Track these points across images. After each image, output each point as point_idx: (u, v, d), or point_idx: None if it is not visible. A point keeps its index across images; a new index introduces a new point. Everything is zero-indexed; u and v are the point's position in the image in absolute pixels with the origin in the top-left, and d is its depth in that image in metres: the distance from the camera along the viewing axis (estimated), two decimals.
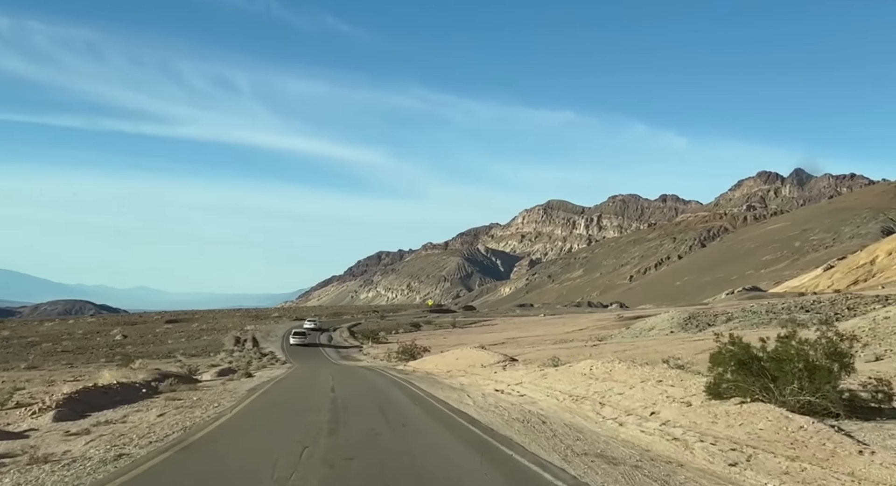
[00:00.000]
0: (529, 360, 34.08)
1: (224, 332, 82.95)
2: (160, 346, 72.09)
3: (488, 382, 24.86)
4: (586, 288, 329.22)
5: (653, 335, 48.63)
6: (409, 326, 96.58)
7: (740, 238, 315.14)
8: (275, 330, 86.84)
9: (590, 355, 32.48)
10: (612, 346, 37.84)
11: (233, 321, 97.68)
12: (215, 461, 11.11)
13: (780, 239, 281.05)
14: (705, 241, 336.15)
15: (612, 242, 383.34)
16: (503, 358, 34.68)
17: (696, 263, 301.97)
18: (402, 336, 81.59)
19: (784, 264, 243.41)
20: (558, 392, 18.15)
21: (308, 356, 67.37)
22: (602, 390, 16.86)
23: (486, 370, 30.24)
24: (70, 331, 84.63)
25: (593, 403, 16.01)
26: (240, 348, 71.69)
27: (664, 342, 36.66)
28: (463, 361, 37.31)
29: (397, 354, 58.67)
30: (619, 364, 18.79)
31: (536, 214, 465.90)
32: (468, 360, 37.09)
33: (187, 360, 61.08)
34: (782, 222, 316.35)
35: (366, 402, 19.94)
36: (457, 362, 37.41)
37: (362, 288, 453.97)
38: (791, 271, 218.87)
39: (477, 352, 39.67)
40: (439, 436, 13.41)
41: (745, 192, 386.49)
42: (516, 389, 21.04)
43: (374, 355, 66.26)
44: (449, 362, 38.79)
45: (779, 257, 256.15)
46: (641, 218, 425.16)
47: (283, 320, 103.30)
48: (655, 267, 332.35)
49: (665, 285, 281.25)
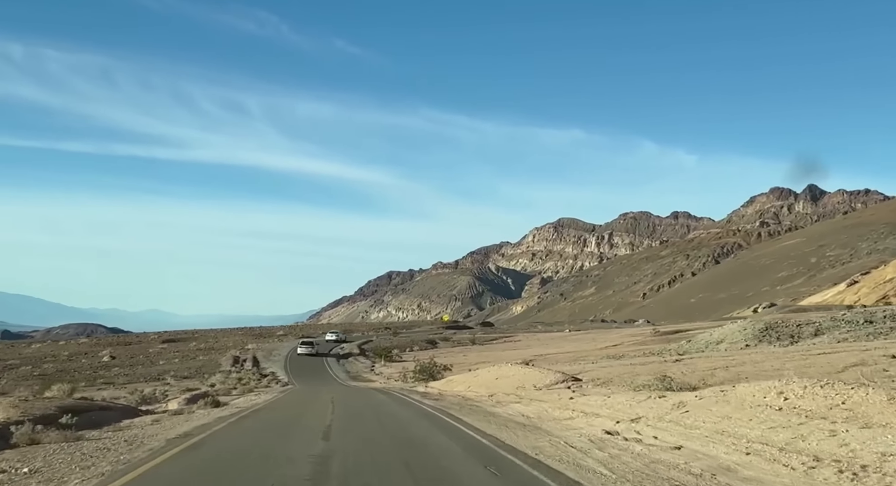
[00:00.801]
0: (601, 379, 25.29)
1: (223, 351, 74.66)
2: (150, 367, 63.82)
3: (570, 414, 16.45)
4: (599, 306, 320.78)
5: (724, 349, 40.08)
6: (425, 343, 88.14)
7: (755, 254, 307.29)
8: (278, 349, 78.60)
9: (682, 372, 23.66)
10: (701, 361, 29.08)
11: (234, 340, 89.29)
12: None
13: (795, 255, 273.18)
14: (719, 257, 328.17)
15: (625, 259, 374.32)
16: (562, 377, 25.89)
17: (710, 280, 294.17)
18: (417, 354, 73.28)
19: (801, 280, 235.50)
20: (758, 445, 9.52)
21: (313, 376, 59.85)
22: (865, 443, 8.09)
23: (549, 395, 21.65)
24: (56, 353, 76.45)
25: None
26: (238, 368, 63.60)
27: (770, 357, 27.84)
28: (506, 381, 28.69)
29: (414, 373, 51.31)
30: (860, 392, 10.01)
31: (547, 232, 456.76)
32: (513, 380, 28.43)
33: (177, 382, 53.70)
34: (797, 238, 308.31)
35: (384, 460, 11.49)
36: (498, 383, 28.81)
37: (373, 308, 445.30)
38: (808, 287, 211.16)
39: (522, 369, 30.80)
40: None
41: (758, 208, 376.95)
42: (640, 429, 12.47)
43: (388, 375, 58.46)
44: (486, 382, 30.31)
45: (795, 274, 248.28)
46: (653, 235, 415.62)
47: (288, 338, 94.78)
48: (669, 284, 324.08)
49: (679, 302, 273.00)
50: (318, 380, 57.58)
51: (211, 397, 27.18)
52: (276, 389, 45.65)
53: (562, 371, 27.29)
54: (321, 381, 56.99)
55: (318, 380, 57.51)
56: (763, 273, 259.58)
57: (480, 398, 24.69)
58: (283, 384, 52.93)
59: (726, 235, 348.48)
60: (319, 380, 57.57)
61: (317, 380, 57.32)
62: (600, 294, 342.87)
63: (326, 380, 58.24)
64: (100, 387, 55.35)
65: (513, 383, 27.33)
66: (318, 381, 56.53)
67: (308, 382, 55.00)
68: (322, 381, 56.91)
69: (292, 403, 26.44)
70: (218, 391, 32.75)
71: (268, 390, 38.89)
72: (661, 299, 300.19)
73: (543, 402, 19.70)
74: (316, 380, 57.26)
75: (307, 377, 59.00)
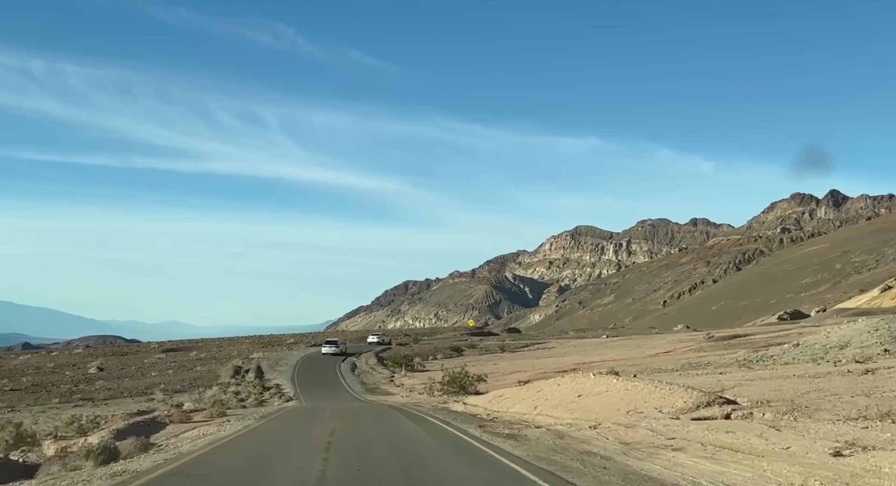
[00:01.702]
0: (771, 403, 15.01)
1: (225, 361, 65.64)
2: (140, 380, 54.95)
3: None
4: (618, 314, 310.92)
5: (853, 356, 30.09)
6: (449, 350, 79.07)
7: (777, 261, 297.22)
8: (286, 358, 69.59)
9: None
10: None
11: (239, 349, 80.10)
12: None
13: (819, 261, 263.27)
14: (740, 264, 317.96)
15: (644, 266, 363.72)
16: (704, 398, 15.75)
17: (731, 287, 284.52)
18: (442, 362, 63.87)
19: (826, 286, 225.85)
20: None
21: (324, 388, 51.85)
22: None
23: (721, 434, 11.33)
24: (42, 365, 67.48)
25: None
26: (238, 380, 54.53)
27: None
28: (599, 401, 19.17)
29: (443, 385, 43.07)
30: None
31: (564, 240, 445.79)
32: (611, 399, 18.84)
33: (165, 396, 44.37)
34: (821, 244, 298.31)
35: None
36: (587, 404, 19.43)
37: (389, 317, 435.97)
38: (833, 294, 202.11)
39: (620, 383, 21.08)
40: None
41: (779, 214, 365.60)
42: None
43: (411, 387, 49.64)
44: (562, 401, 20.98)
45: (819, 280, 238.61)
46: (672, 242, 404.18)
47: (299, 346, 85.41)
48: (689, 292, 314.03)
49: (700, 309, 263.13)
50: (329, 393, 48.87)
51: (162, 422, 17.60)
52: (274, 406, 36.56)
53: (697, 388, 17.45)
54: (332, 394, 48.30)
55: (328, 393, 48.82)
56: (786, 280, 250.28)
57: (578, 432, 15.06)
58: (285, 399, 44.17)
59: (747, 241, 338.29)
60: (330, 393, 48.90)
61: (327, 393, 48.67)
62: (619, 302, 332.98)
63: (338, 393, 49.42)
64: (76, 404, 46.34)
65: (614, 405, 17.78)
66: (328, 394, 47.91)
67: (316, 396, 46.26)
68: (333, 394, 48.20)
69: (272, 438, 16.99)
70: (186, 412, 23.35)
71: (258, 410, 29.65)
72: (682, 306, 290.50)
73: (740, 453, 9.94)
74: (326, 393, 48.63)
75: (316, 390, 50.39)
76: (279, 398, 44.91)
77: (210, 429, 20.88)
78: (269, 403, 42.72)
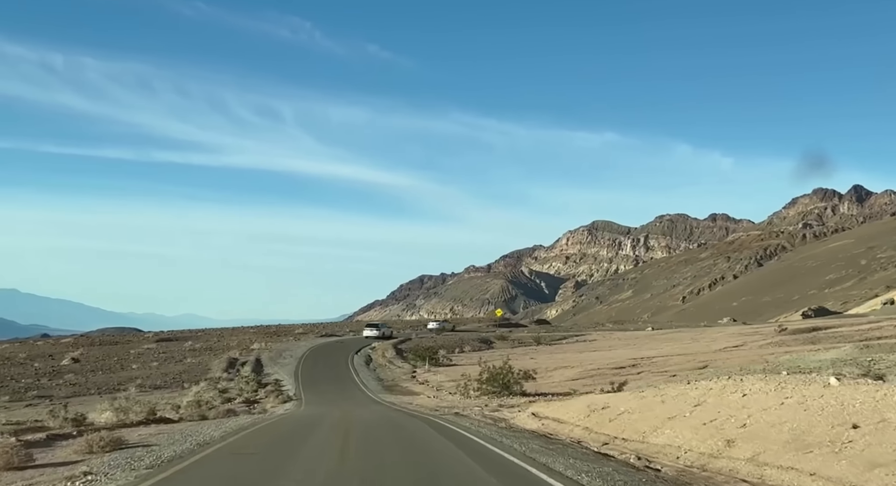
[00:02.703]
0: None
1: (222, 352, 56.75)
2: (116, 373, 46.36)
3: None
4: (637, 309, 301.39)
5: None
6: (477, 342, 70.06)
7: (800, 256, 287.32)
8: (291, 349, 60.76)
9: None
10: None
11: (240, 339, 71.13)
12: None
13: (843, 257, 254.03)
14: (762, 260, 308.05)
15: (662, 262, 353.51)
16: None
17: (753, 283, 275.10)
18: (471, 356, 54.62)
19: (851, 283, 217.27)
20: None
21: (332, 385, 43.67)
22: None
23: None
24: (13, 355, 58.90)
25: None
26: (232, 374, 45.56)
27: None
28: (803, 425, 8.55)
29: (481, 383, 35.09)
30: None
31: (581, 235, 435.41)
32: (828, 427, 8.04)
33: (141, 395, 37.38)
34: (845, 240, 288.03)
35: None
36: (777, 435, 8.92)
37: (405, 312, 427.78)
38: (859, 290, 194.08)
39: (844, 395, 9.85)
40: None
41: (801, 209, 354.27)
42: None
43: (437, 385, 40.69)
44: (716, 421, 11.40)
45: (844, 276, 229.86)
46: (690, 238, 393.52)
47: (308, 337, 76.30)
48: (710, 287, 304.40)
49: (721, 305, 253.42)
50: (338, 392, 40.10)
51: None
52: (256, 415, 27.56)
53: None
54: (341, 394, 39.55)
55: (337, 392, 39.99)
56: (810, 276, 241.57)
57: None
58: (283, 399, 35.28)
59: (769, 236, 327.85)
60: (339, 392, 40.11)
61: (336, 392, 39.86)
62: (638, 298, 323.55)
63: (349, 392, 40.66)
64: (29, 402, 36.92)
65: (861, 444, 7.97)
66: (336, 394, 39.16)
67: (322, 395, 37.41)
68: (343, 394, 39.41)
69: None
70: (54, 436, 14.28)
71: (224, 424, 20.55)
72: (702, 302, 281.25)
73: None
74: (334, 392, 39.83)
75: (323, 387, 41.67)
76: (275, 398, 36.07)
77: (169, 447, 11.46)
78: (262, 404, 33.85)
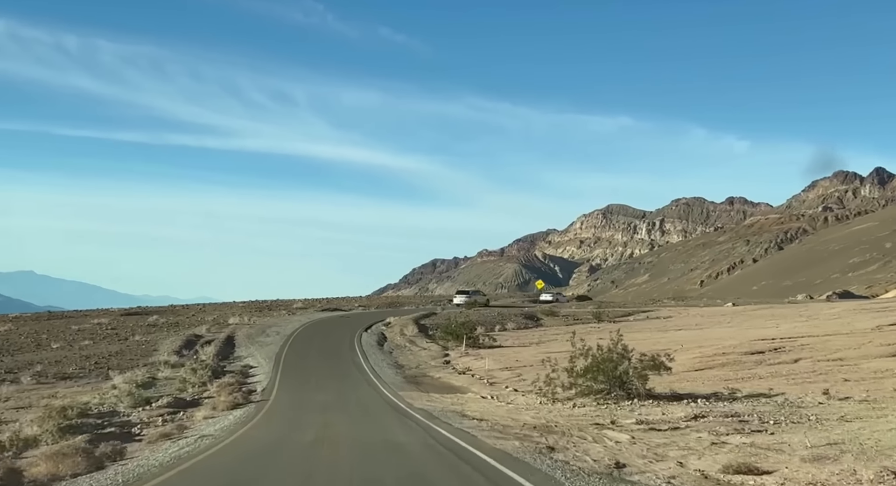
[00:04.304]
0: None
1: (188, 328, 44.92)
2: (24, 354, 34.21)
3: None
4: (653, 293, 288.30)
5: None
6: (521, 318, 57.97)
7: (822, 240, 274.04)
8: (279, 325, 48.63)
9: None
10: None
11: (221, 314, 58.90)
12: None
13: (867, 240, 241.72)
14: (782, 243, 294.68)
15: (680, 246, 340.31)
16: None
17: (773, 266, 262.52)
18: (517, 335, 42.50)
19: (875, 266, 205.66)
20: None
21: (326, 375, 30.80)
22: None
23: None
24: None
25: None
26: (187, 357, 33.11)
27: None
28: None
29: (576, 377, 21.69)
30: None
31: (595, 219, 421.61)
32: None
33: (33, 389, 28.16)
34: (869, 222, 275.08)
35: None
36: None
37: (417, 296, 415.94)
38: (884, 273, 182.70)
39: None
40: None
41: (821, 192, 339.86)
42: None
43: (487, 375, 28.02)
44: None
45: (868, 260, 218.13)
46: (707, 222, 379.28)
47: (308, 311, 63.86)
48: (728, 271, 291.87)
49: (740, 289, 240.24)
50: (334, 386, 26.98)
51: None
52: (190, 426, 15.27)
53: None
54: (339, 389, 26.43)
55: (332, 386, 26.94)
56: (832, 259, 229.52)
57: None
58: (234, 403, 22.27)
59: (789, 219, 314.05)
60: (336, 386, 26.92)
61: (331, 386, 26.74)
62: (654, 282, 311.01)
63: (352, 387, 27.57)
64: None
65: None
66: (331, 389, 26.06)
67: (308, 393, 24.80)
68: (342, 389, 26.46)
69: None
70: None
71: None
72: (721, 286, 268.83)
73: None
74: (329, 386, 26.71)
75: (313, 378, 28.83)
76: (227, 396, 23.46)
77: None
78: (199, 411, 21.02)
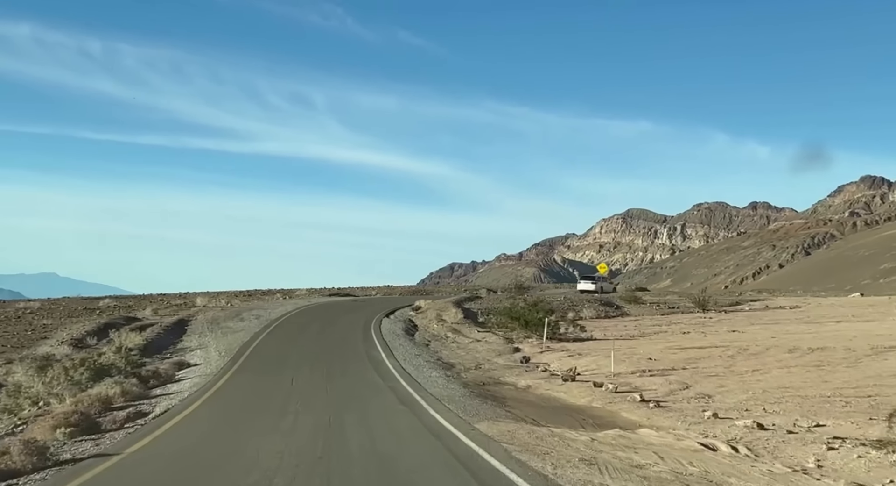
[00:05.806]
0: None
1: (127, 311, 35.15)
2: None
3: None
4: None
5: None
6: (600, 305, 50.13)
7: (851, 245, 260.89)
8: (264, 308, 38.82)
9: None
10: None
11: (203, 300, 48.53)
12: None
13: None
14: (809, 249, 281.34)
15: (702, 250, 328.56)
16: None
17: (800, 272, 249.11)
18: (605, 325, 32.74)
19: None
20: None
21: (326, 370, 21.07)
22: None
23: None
24: None
25: None
26: (93, 349, 22.67)
27: None
28: None
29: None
30: None
31: (615, 223, 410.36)
32: None
33: None
34: None
35: None
36: None
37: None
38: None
39: None
40: None
41: (847, 197, 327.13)
42: None
43: (621, 386, 17.37)
44: None
45: None
46: (730, 227, 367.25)
47: (314, 296, 53.37)
48: (753, 277, 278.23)
49: None
50: (328, 410, 14.17)
51: None
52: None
53: None
54: (338, 424, 12.69)
55: (323, 410, 14.25)
56: (862, 265, 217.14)
57: None
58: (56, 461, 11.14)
59: (815, 225, 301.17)
60: (332, 412, 13.86)
61: (319, 410, 14.33)
62: (677, 286, 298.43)
63: (365, 415, 14.95)
64: None
65: None
66: (319, 416, 13.99)
67: (258, 427, 12.86)
68: (342, 430, 12.51)
69: None
70: None
71: None
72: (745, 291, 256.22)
73: None
74: (314, 410, 14.33)
75: (291, 389, 17.75)
76: (47, 432, 12.84)
77: None
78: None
